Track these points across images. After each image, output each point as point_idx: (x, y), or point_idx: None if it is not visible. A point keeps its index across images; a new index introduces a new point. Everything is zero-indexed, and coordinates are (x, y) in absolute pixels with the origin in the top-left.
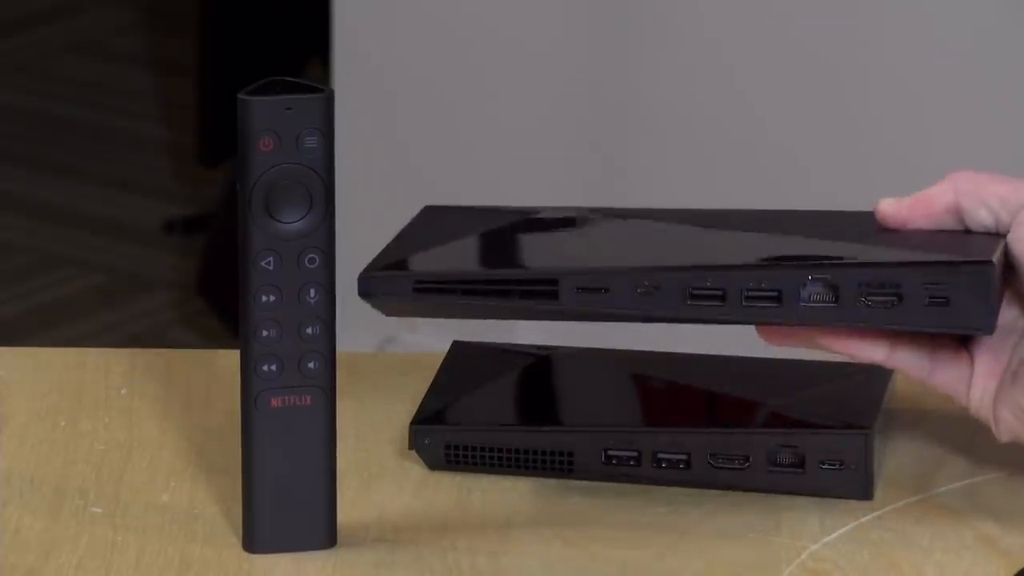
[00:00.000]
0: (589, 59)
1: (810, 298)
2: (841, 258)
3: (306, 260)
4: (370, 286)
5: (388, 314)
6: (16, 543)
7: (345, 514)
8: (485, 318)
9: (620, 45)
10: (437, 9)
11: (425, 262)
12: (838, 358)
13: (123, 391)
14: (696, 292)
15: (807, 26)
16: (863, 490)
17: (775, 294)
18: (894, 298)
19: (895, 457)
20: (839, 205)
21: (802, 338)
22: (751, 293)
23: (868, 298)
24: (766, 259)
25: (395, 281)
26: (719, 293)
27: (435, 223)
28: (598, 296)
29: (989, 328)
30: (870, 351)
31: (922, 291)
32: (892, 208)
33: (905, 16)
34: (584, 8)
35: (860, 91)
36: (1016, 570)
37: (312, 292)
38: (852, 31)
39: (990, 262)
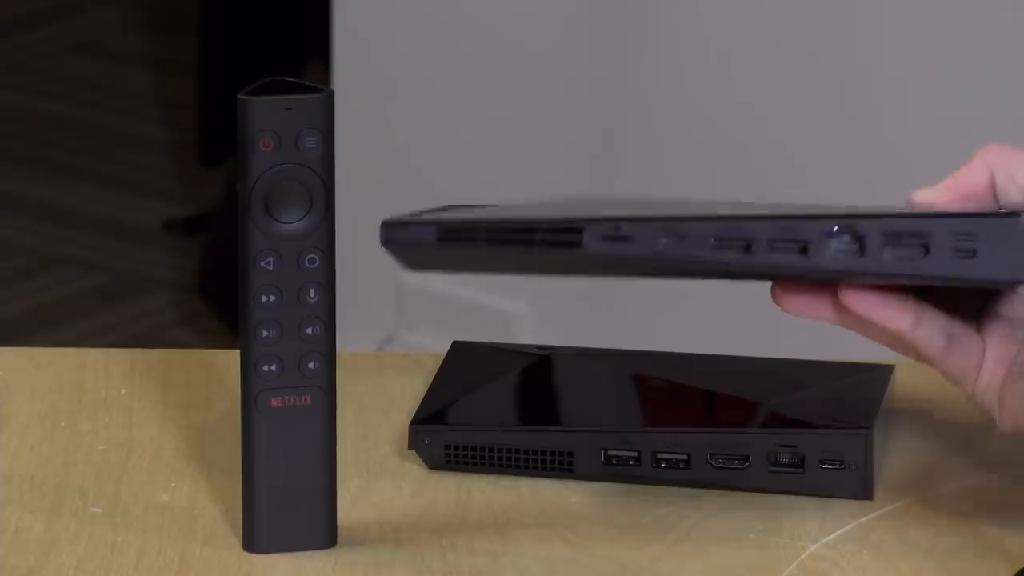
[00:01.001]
0: (589, 59)
1: (836, 249)
2: (868, 211)
3: (306, 260)
4: (393, 233)
5: (409, 267)
6: (16, 543)
7: (345, 514)
8: (509, 272)
9: (620, 46)
10: (437, 9)
11: (449, 214)
12: (842, 356)
13: (123, 391)
14: (721, 243)
15: (806, 25)
16: (863, 490)
17: (801, 244)
18: (921, 249)
19: (895, 457)
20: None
21: (823, 305)
22: (777, 244)
23: (894, 249)
24: (792, 213)
25: (419, 229)
26: (744, 244)
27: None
28: (623, 246)
29: (1016, 280)
30: (895, 319)
31: (949, 242)
32: (928, 197)
33: (904, 15)
34: (584, 8)
35: (860, 90)
36: (1016, 570)
37: (312, 292)
38: (851, 30)
39: (1018, 214)
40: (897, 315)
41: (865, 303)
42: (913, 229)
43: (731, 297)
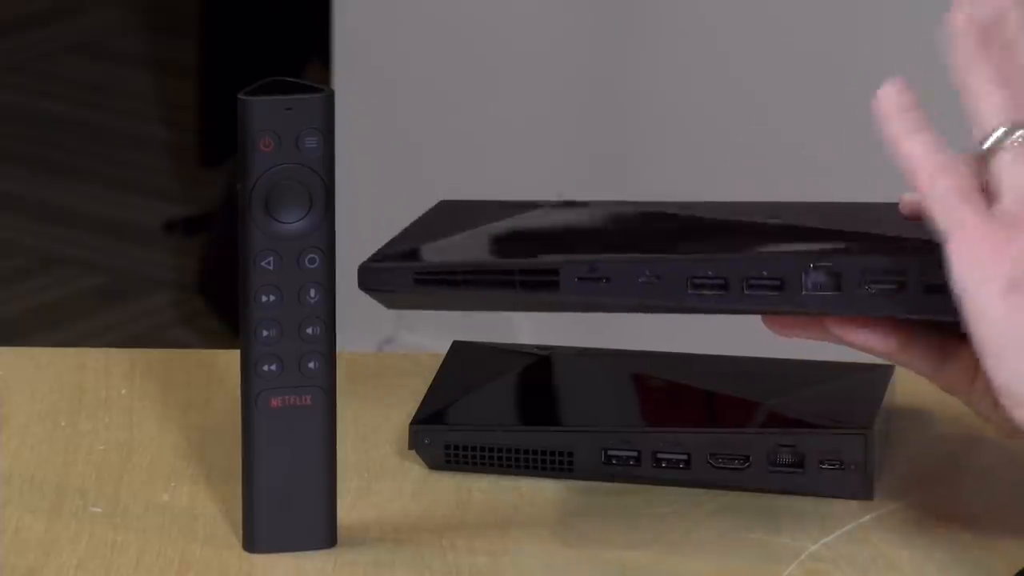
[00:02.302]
0: (589, 59)
1: (812, 286)
2: (844, 246)
3: (306, 260)
4: (370, 278)
5: (389, 306)
6: (16, 543)
7: (345, 514)
8: (487, 310)
9: (620, 46)
10: (437, 9)
11: (426, 254)
12: (842, 356)
13: (123, 391)
14: (698, 282)
15: (807, 22)
16: (863, 490)
17: (777, 283)
18: (895, 286)
19: (895, 457)
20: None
21: (811, 328)
22: (753, 282)
23: (870, 286)
24: (768, 248)
25: (395, 273)
26: (721, 282)
27: (444, 217)
28: (599, 286)
29: None
30: (881, 344)
31: (922, 279)
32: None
33: (905, 12)
34: (584, 8)
35: (860, 86)
36: (1016, 570)
37: (312, 292)
38: (852, 26)
39: None
40: (881, 341)
41: (848, 333)
42: (888, 267)
43: None
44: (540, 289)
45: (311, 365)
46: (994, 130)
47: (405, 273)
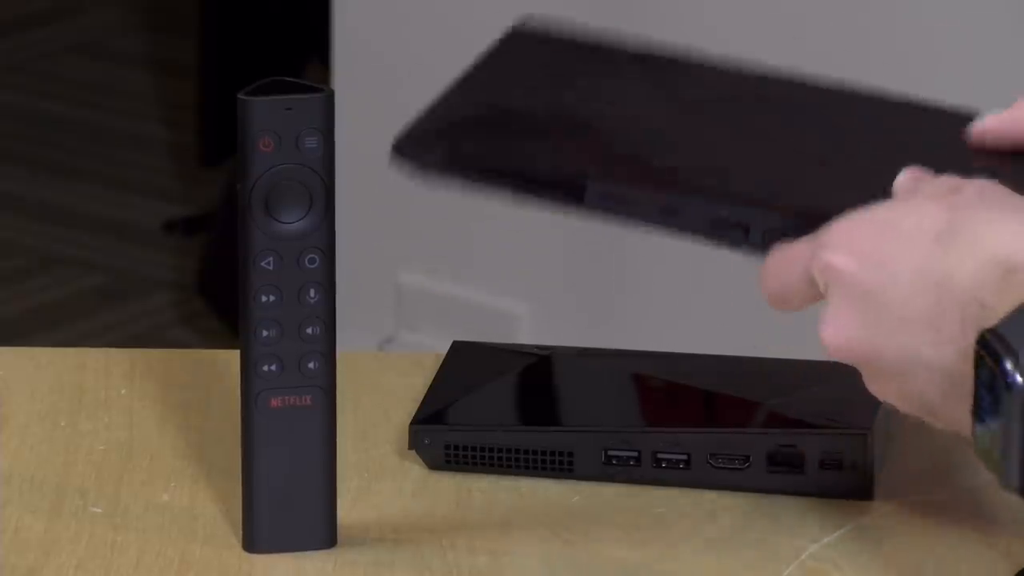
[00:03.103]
0: None
1: None
2: (868, 196)
3: (306, 260)
4: (403, 153)
5: (415, 179)
6: (16, 543)
7: (345, 514)
8: (515, 204)
9: None
10: (437, 9)
11: (467, 133)
12: None
13: (123, 391)
14: (718, 222)
15: (808, 22)
16: (863, 490)
17: (796, 235)
18: None
19: (895, 457)
20: None
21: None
22: (773, 232)
23: None
24: (794, 195)
25: (428, 150)
26: (742, 226)
27: (508, 67)
28: (622, 207)
29: None
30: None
31: None
32: (987, 126)
33: (908, 13)
34: (584, 8)
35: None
36: (1016, 570)
37: (312, 292)
38: (853, 24)
39: None
40: None
41: None
42: None
43: (731, 298)
44: (566, 199)
45: (311, 365)
46: None
47: (438, 153)
